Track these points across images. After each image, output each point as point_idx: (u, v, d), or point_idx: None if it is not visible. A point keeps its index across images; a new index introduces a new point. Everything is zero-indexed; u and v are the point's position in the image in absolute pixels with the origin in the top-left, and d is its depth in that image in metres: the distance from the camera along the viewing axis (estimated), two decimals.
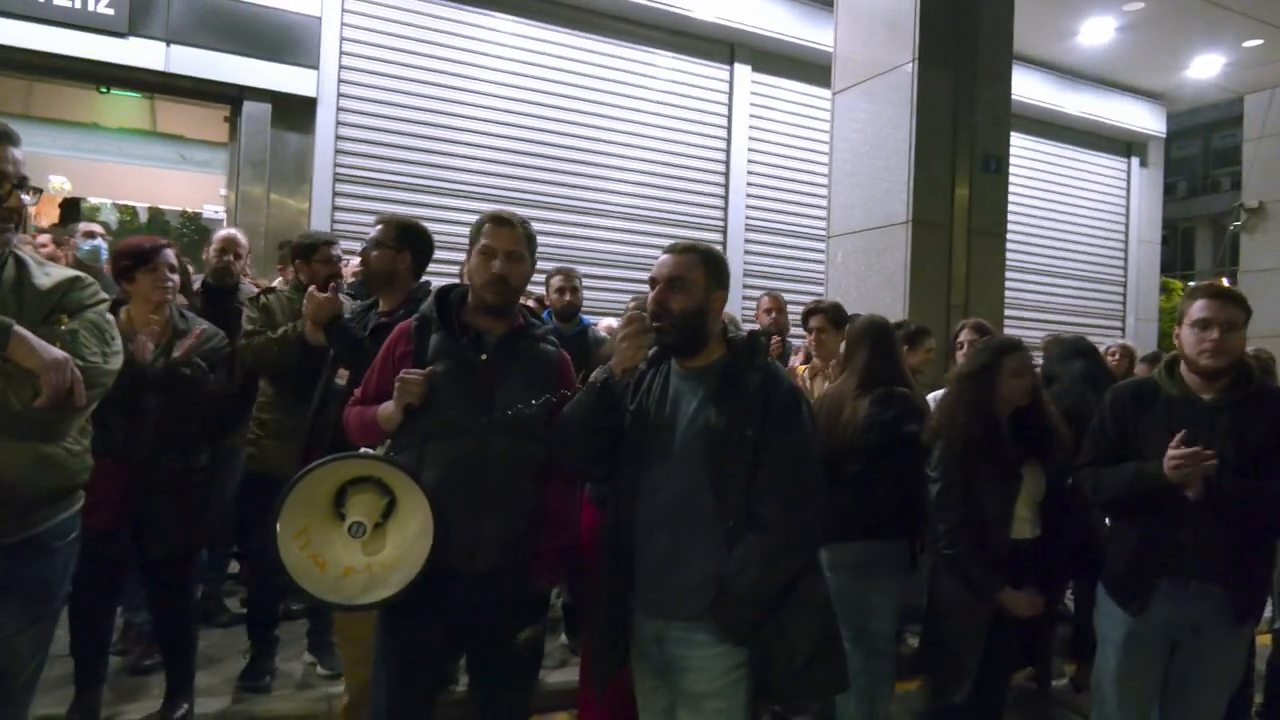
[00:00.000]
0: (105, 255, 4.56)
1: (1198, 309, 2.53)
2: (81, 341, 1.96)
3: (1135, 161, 11.54)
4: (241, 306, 3.97)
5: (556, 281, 4.62)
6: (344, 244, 3.97)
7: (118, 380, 2.10)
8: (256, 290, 3.99)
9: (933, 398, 3.81)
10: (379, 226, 3.07)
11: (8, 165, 1.88)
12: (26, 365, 1.82)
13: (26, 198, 1.93)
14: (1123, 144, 11.40)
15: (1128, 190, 11.55)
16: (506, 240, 2.28)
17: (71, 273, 2.08)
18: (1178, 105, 11.60)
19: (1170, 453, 2.42)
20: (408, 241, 3.04)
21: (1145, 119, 11.23)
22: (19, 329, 1.82)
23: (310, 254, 3.77)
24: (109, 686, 3.35)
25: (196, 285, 4.24)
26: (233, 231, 4.35)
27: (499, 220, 2.32)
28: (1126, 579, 2.61)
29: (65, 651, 3.37)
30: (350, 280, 4.42)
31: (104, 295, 2.12)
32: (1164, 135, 11.58)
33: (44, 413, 1.85)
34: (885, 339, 3.39)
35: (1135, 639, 2.61)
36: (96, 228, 4.84)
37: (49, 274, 2.02)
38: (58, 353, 1.87)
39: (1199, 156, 26.55)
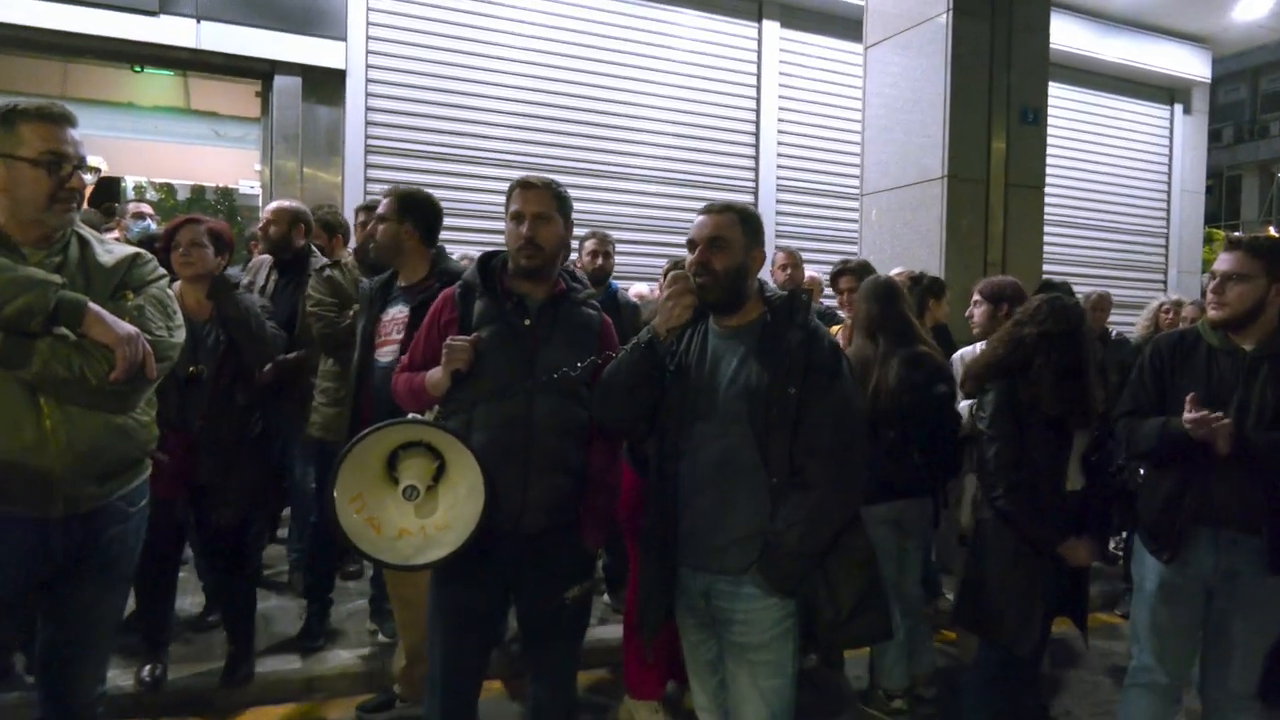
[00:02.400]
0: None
1: (1216, 261, 2.60)
2: (148, 316, 2.04)
3: (1179, 109, 11.19)
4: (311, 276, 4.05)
5: (590, 245, 4.61)
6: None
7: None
8: (324, 262, 4.03)
9: (958, 356, 3.82)
10: (384, 200, 3.09)
11: (68, 146, 1.94)
12: (101, 340, 1.90)
13: (87, 177, 2.00)
14: (1165, 91, 11.05)
15: (1170, 139, 11.22)
16: (533, 202, 2.30)
17: (132, 249, 2.15)
18: (1224, 48, 11.20)
19: (1185, 416, 2.45)
20: (407, 211, 3.04)
21: (1189, 64, 10.86)
22: (93, 306, 1.90)
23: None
24: (173, 646, 3.50)
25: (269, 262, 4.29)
26: (281, 203, 4.36)
27: (525, 184, 2.34)
28: (1159, 528, 2.62)
29: (129, 621, 3.53)
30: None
31: (163, 270, 2.19)
32: (1209, 80, 11.20)
33: (118, 385, 1.93)
34: (895, 298, 3.41)
35: (1169, 588, 2.62)
36: (145, 208, 4.92)
37: (111, 251, 2.09)
38: (129, 327, 1.95)
39: (1247, 101, 25.68)
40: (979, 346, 3.74)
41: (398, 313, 3.04)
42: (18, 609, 2.03)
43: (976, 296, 3.74)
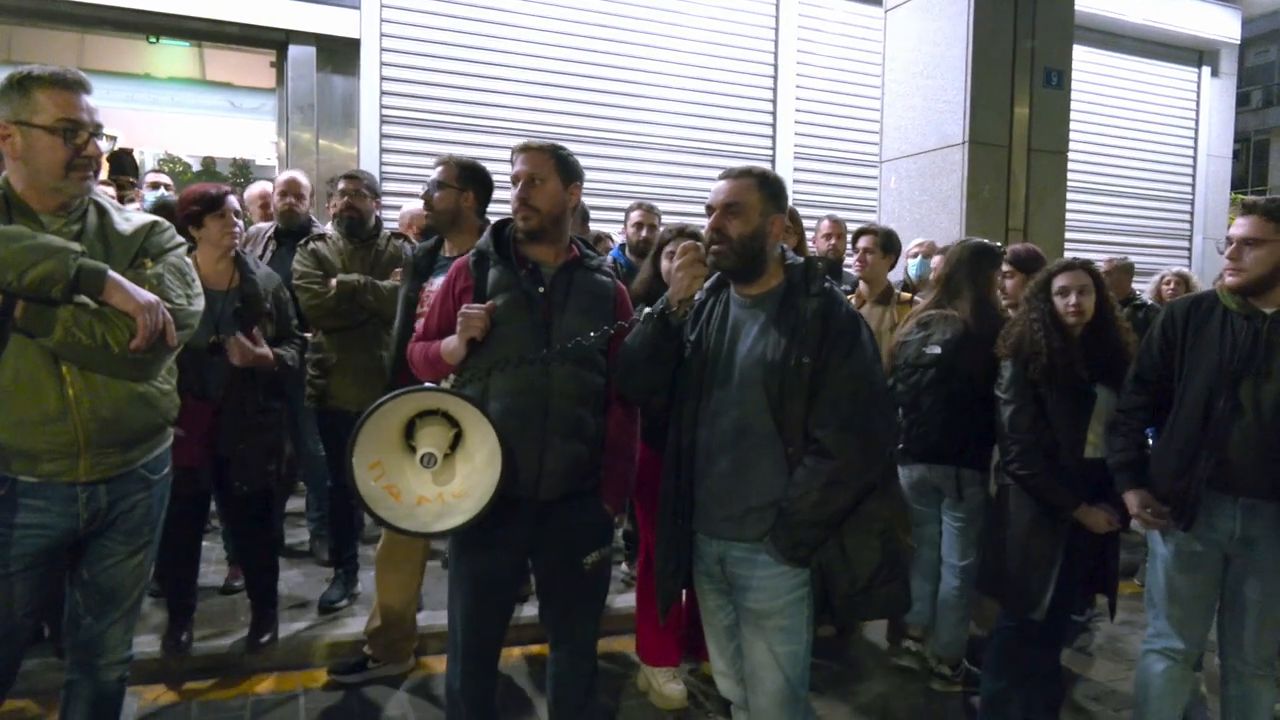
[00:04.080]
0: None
1: (1232, 226, 2.56)
2: (167, 284, 2.05)
3: (1206, 71, 10.91)
4: None
5: (635, 216, 4.59)
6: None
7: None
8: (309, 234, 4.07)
9: None
10: (440, 168, 3.05)
11: (83, 113, 1.95)
12: (122, 308, 1.91)
13: (103, 144, 2.00)
14: (1193, 53, 10.78)
15: (1197, 102, 10.96)
16: (527, 164, 2.30)
17: (150, 217, 2.16)
18: (1254, 9, 10.91)
19: (1134, 510, 2.67)
20: (470, 180, 3.03)
21: (1218, 25, 10.58)
22: (113, 274, 1.91)
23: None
24: (198, 611, 3.56)
25: (269, 232, 4.35)
26: (293, 173, 4.40)
27: (521, 147, 2.34)
28: (1173, 497, 2.60)
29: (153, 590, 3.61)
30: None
31: (180, 239, 2.20)
32: (1238, 42, 10.91)
33: (139, 353, 1.94)
34: (960, 263, 3.42)
35: (1186, 555, 2.61)
36: (163, 178, 4.93)
37: (129, 219, 2.10)
38: (149, 295, 1.96)
39: (1277, 64, 25.05)
40: None
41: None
42: (47, 574, 2.06)
43: (1007, 267, 3.66)
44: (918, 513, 3.44)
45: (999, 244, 3.57)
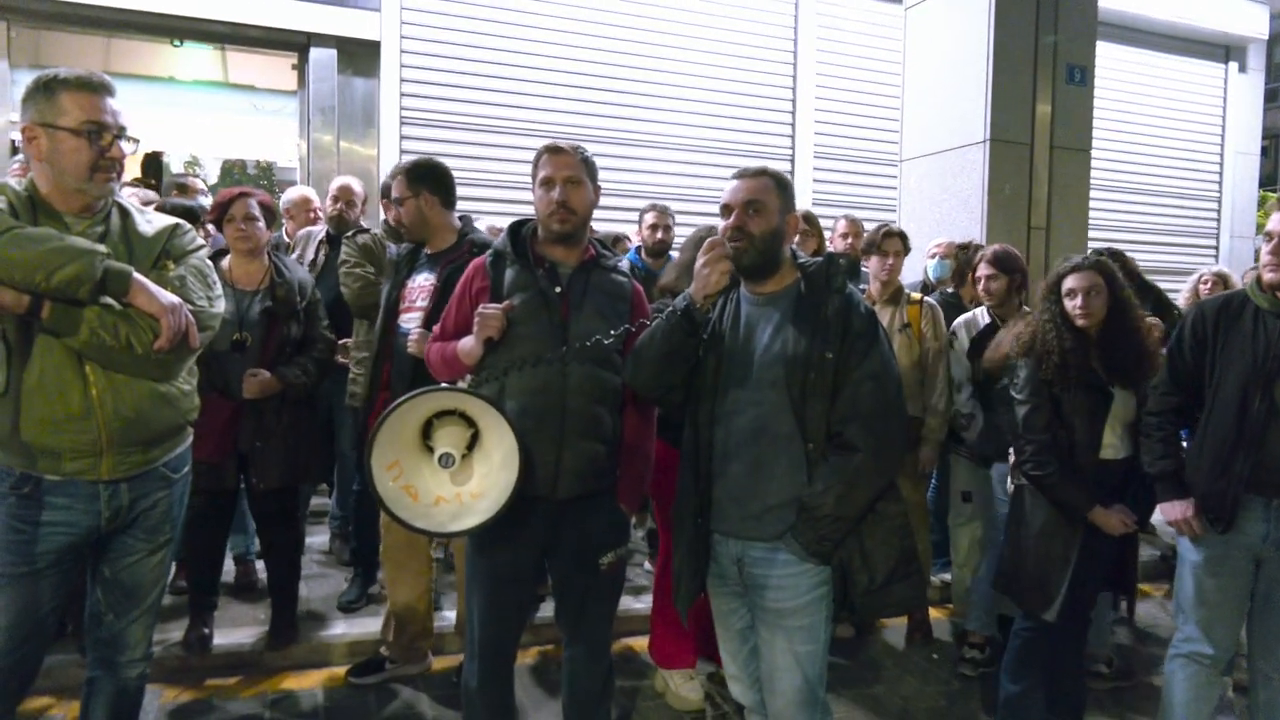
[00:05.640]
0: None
1: (1269, 222, 2.53)
2: (189, 286, 2.08)
3: (1233, 66, 10.74)
4: None
5: (650, 218, 4.60)
6: None
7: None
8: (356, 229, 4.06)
9: (960, 324, 3.76)
10: (393, 183, 3.11)
11: (107, 115, 1.97)
12: (146, 309, 1.94)
13: (126, 146, 2.02)
14: (1219, 48, 10.61)
15: (1224, 98, 10.79)
16: (562, 166, 2.30)
17: (171, 220, 2.18)
18: None
19: (1171, 517, 2.64)
20: (420, 182, 3.06)
21: (1245, 19, 10.40)
22: (138, 275, 1.94)
23: (387, 194, 3.88)
24: (219, 609, 3.59)
25: (320, 234, 4.36)
26: (347, 180, 4.43)
27: (553, 149, 2.33)
28: (1212, 498, 2.56)
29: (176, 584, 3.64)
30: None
31: (201, 241, 2.22)
32: (1266, 38, 10.74)
33: (162, 354, 1.97)
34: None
35: (1216, 559, 2.58)
36: (199, 183, 4.98)
37: (150, 221, 2.13)
38: (173, 297, 1.99)
39: None
40: (980, 312, 3.70)
41: (423, 280, 3.06)
42: (71, 570, 2.09)
43: (991, 270, 3.60)
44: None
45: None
